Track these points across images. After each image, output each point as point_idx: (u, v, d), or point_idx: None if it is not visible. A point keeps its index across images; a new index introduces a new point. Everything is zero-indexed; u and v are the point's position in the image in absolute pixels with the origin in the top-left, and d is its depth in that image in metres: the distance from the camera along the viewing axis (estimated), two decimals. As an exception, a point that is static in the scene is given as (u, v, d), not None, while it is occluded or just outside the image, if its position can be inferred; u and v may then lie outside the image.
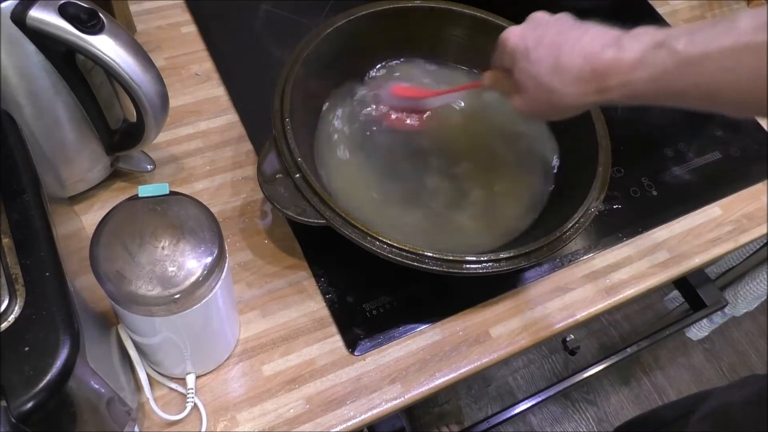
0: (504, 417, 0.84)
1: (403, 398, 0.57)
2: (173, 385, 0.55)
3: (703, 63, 0.41)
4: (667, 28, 0.44)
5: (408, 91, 0.70)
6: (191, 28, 0.79)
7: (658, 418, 0.92)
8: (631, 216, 0.72)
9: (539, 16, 0.52)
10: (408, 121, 0.70)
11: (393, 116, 0.69)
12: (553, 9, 0.85)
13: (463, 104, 0.72)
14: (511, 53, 0.52)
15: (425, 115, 0.70)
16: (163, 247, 0.43)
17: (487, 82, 0.58)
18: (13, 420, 0.34)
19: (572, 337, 0.90)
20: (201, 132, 0.71)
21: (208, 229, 0.45)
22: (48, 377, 0.35)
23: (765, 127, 0.83)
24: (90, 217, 0.63)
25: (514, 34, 0.51)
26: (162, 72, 0.55)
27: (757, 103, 0.41)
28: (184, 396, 0.54)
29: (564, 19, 0.51)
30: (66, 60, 0.52)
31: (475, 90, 0.64)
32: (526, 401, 0.84)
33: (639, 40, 0.44)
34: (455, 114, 0.72)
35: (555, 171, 0.68)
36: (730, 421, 0.67)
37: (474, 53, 0.73)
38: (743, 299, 1.21)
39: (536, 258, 0.57)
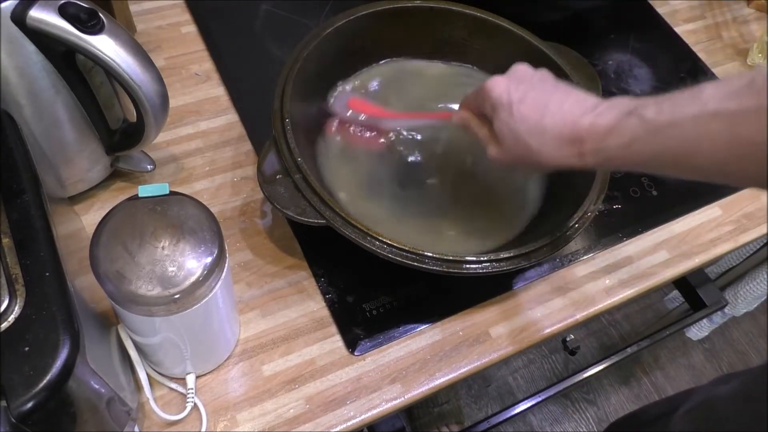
0: (504, 417, 0.84)
1: (403, 398, 0.57)
2: (173, 385, 0.55)
3: (670, 130, 0.42)
4: (639, 97, 0.46)
5: (365, 107, 0.67)
6: (191, 28, 0.79)
7: (647, 414, 0.93)
8: (631, 216, 0.72)
9: (523, 71, 0.53)
10: (365, 137, 0.67)
11: (350, 130, 0.67)
12: (554, 9, 0.85)
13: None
14: (493, 104, 0.52)
15: (385, 137, 0.67)
16: (163, 247, 0.43)
17: (457, 120, 0.59)
18: (13, 420, 0.34)
19: (572, 337, 0.90)
20: (201, 132, 0.71)
21: (208, 229, 0.45)
22: (48, 377, 0.35)
23: (765, 127, 0.83)
24: (90, 217, 0.63)
25: (499, 86, 0.52)
26: (162, 72, 0.55)
27: (725, 171, 0.42)
28: (184, 396, 0.54)
29: (546, 77, 0.53)
30: (66, 60, 0.52)
31: (441, 121, 0.62)
32: (526, 401, 0.84)
33: (614, 109, 0.46)
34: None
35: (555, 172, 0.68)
36: (715, 415, 0.67)
37: (474, 53, 0.73)
38: (743, 299, 1.22)
39: (536, 258, 0.57)
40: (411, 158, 0.68)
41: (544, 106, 0.49)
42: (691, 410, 0.72)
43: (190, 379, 0.54)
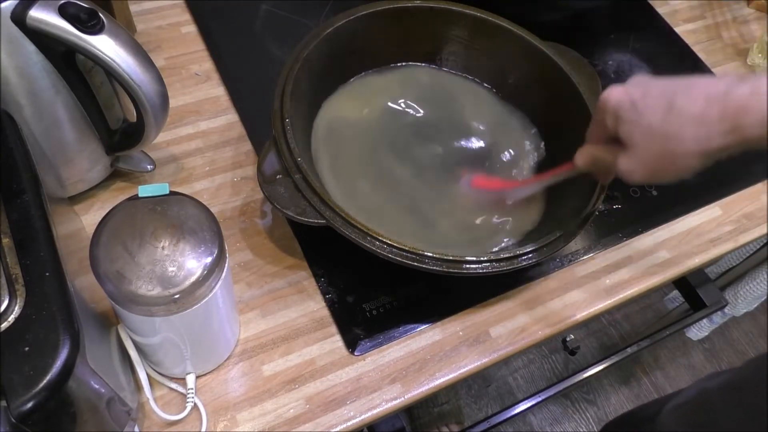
0: (504, 417, 0.84)
1: (403, 398, 0.57)
2: (173, 385, 0.55)
3: None
4: None
5: (489, 183, 0.66)
6: (191, 28, 0.79)
7: (643, 412, 0.93)
8: (631, 216, 0.72)
9: (641, 76, 0.49)
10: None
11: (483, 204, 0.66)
12: (554, 9, 0.85)
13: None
14: (614, 110, 0.48)
15: (509, 203, 0.65)
16: (163, 247, 0.43)
17: (582, 161, 0.54)
18: (13, 420, 0.34)
19: (572, 337, 0.90)
20: (201, 132, 0.71)
21: (208, 229, 0.45)
22: (48, 377, 0.35)
23: (765, 127, 0.83)
24: (90, 217, 0.63)
25: (616, 91, 0.48)
26: (162, 72, 0.55)
27: None
28: (184, 396, 0.54)
29: (667, 77, 0.49)
30: (66, 60, 0.52)
31: (568, 172, 0.58)
32: (526, 401, 0.84)
33: None
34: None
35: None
36: (705, 407, 0.67)
37: (474, 53, 0.73)
38: (743, 299, 1.21)
39: (536, 258, 0.57)
40: (418, 150, 0.68)
41: (672, 92, 0.45)
42: (682, 404, 0.72)
43: (190, 379, 0.54)
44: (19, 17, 0.48)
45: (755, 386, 0.59)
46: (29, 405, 0.34)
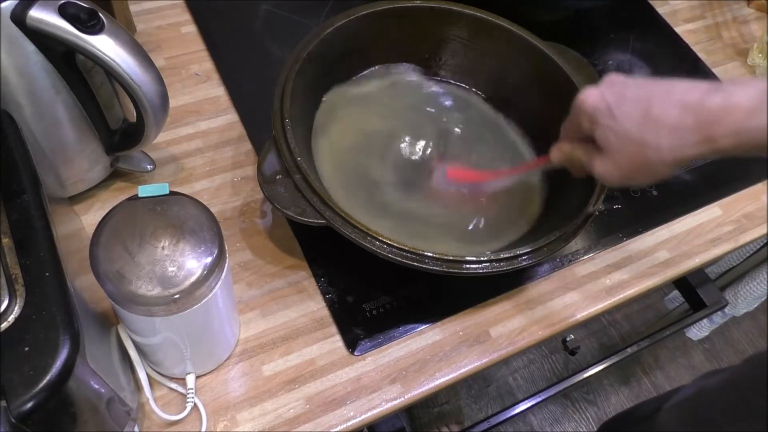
0: (504, 417, 0.84)
1: (403, 398, 0.57)
2: (173, 385, 0.55)
3: None
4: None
5: (465, 175, 0.65)
6: (191, 28, 0.79)
7: (641, 411, 0.93)
8: (631, 216, 0.72)
9: (615, 76, 0.50)
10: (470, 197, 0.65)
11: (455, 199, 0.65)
12: (554, 9, 0.85)
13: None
14: (590, 113, 0.48)
15: (486, 195, 0.65)
16: (163, 247, 0.43)
17: (557, 157, 0.55)
18: (13, 420, 0.34)
19: (572, 337, 0.90)
20: (201, 132, 0.71)
21: (208, 229, 0.45)
22: (48, 377, 0.35)
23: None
24: (90, 217, 0.63)
25: (592, 95, 0.48)
26: (162, 72, 0.55)
27: None
28: (184, 396, 0.54)
29: (642, 78, 0.49)
30: (66, 60, 0.52)
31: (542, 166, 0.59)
32: (526, 401, 0.84)
33: (747, 87, 0.42)
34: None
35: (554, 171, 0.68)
36: (703, 403, 0.67)
37: (474, 53, 0.73)
38: (743, 299, 1.21)
39: (536, 258, 0.57)
40: (413, 158, 0.68)
41: (648, 98, 0.45)
42: (680, 403, 0.72)
43: (190, 379, 0.54)
44: (19, 17, 0.48)
45: (753, 384, 0.60)
46: (29, 405, 0.34)
